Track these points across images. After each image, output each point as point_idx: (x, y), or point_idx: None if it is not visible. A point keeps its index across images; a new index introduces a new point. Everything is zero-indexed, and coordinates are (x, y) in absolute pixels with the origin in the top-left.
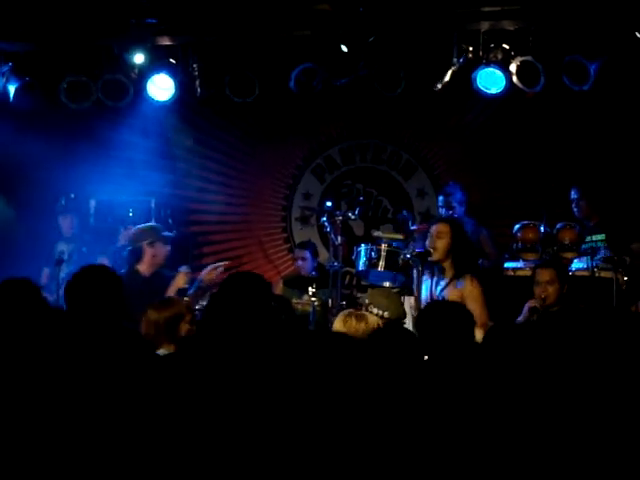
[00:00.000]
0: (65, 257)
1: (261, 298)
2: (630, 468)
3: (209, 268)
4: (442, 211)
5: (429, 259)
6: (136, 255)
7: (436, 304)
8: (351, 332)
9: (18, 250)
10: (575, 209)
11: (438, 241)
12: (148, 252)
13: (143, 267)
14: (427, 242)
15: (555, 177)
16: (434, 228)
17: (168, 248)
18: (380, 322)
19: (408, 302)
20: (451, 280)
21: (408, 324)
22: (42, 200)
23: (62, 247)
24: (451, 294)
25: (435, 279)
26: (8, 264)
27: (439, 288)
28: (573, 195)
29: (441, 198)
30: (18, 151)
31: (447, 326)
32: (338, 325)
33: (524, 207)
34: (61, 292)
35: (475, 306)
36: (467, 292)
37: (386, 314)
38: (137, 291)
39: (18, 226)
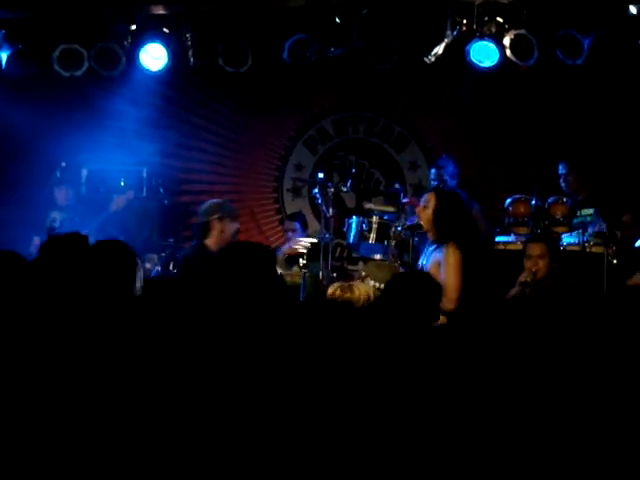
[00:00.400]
0: (57, 225)
1: (267, 268)
2: (622, 449)
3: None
4: (434, 184)
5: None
6: (204, 229)
7: (400, 277)
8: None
9: (10, 219)
10: (563, 184)
11: (423, 211)
12: (217, 227)
13: (210, 242)
14: (421, 224)
15: (547, 151)
16: (423, 199)
17: (237, 225)
18: (370, 293)
19: None
20: (435, 247)
21: None
22: (34, 169)
23: (55, 215)
24: (432, 262)
25: (424, 246)
26: (4, 237)
27: (425, 256)
28: (561, 170)
29: (433, 171)
30: (9, 119)
31: (410, 299)
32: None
33: (517, 180)
34: None
35: (447, 274)
36: (444, 259)
37: (382, 286)
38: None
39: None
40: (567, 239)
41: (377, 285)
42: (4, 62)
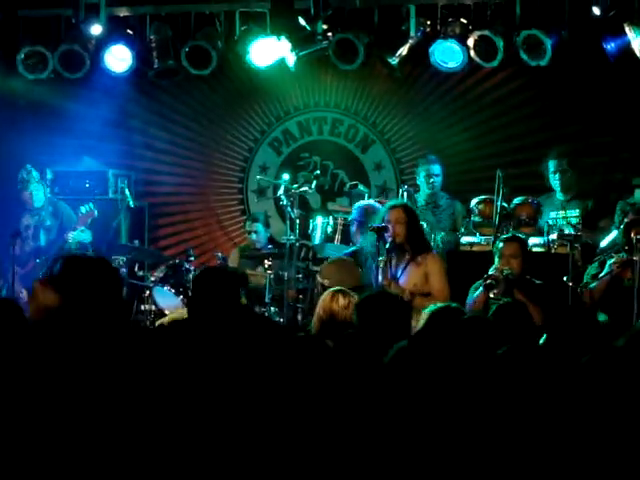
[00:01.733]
0: (30, 232)
1: (233, 295)
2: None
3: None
4: (423, 182)
5: (387, 240)
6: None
7: (375, 296)
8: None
9: None
10: (556, 181)
11: (398, 226)
12: None
13: None
14: (388, 226)
15: (513, 151)
16: (392, 214)
17: None
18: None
19: None
20: (412, 259)
21: None
22: (1, 170)
23: (27, 221)
24: (413, 272)
25: (394, 260)
26: None
27: (399, 269)
28: (557, 166)
29: (423, 169)
30: None
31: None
32: (326, 302)
33: (481, 182)
34: (16, 268)
35: (437, 281)
36: (429, 268)
37: (327, 282)
38: None
39: None
40: (533, 240)
41: (326, 282)
42: None
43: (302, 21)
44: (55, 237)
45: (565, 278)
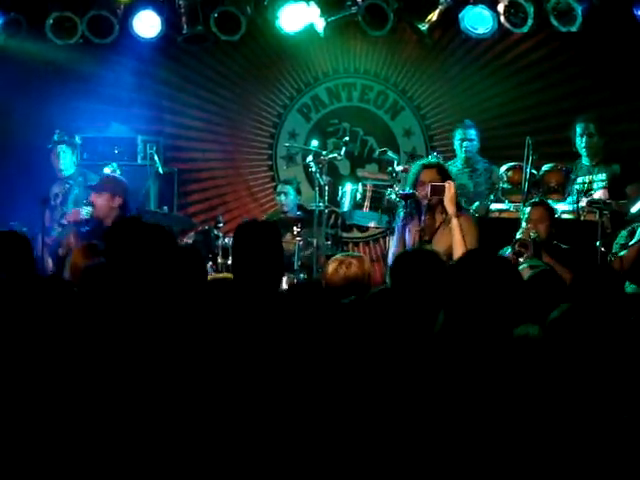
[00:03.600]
0: (59, 200)
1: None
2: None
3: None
4: (458, 147)
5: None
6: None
7: (407, 255)
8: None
9: (14, 191)
10: (583, 145)
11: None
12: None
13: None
14: (419, 189)
15: (542, 118)
16: (425, 174)
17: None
18: (366, 266)
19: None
20: (445, 221)
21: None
22: (30, 137)
23: (57, 189)
24: (447, 234)
25: (427, 222)
26: (7, 207)
27: (433, 231)
28: (583, 129)
29: (458, 134)
30: (3, 88)
31: (420, 277)
32: (330, 270)
33: (512, 148)
34: (46, 235)
35: (470, 243)
36: (463, 229)
37: None
38: None
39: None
40: (562, 206)
41: None
42: None
43: None
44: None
45: (597, 244)
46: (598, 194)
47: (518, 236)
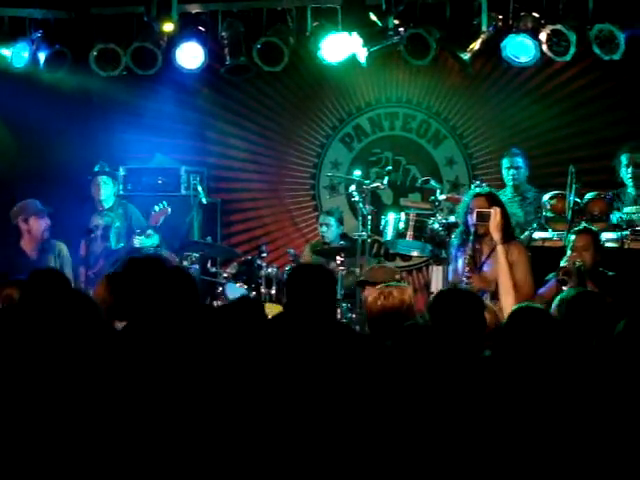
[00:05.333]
0: (99, 233)
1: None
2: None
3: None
4: (506, 173)
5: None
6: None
7: (448, 292)
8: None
9: (57, 222)
10: (629, 175)
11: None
12: (23, 228)
13: (24, 243)
14: (469, 217)
15: (586, 146)
16: (476, 202)
17: (45, 222)
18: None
19: (435, 272)
20: (493, 248)
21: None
22: (72, 168)
23: (97, 221)
24: (495, 262)
25: (479, 250)
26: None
27: (484, 259)
28: (629, 160)
29: (505, 162)
30: (47, 119)
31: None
32: (370, 300)
33: (554, 176)
34: (83, 269)
35: (521, 272)
36: (514, 257)
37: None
38: None
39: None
40: (606, 235)
41: None
42: (42, 62)
43: (373, 16)
44: (124, 239)
45: None
46: None
47: (562, 264)
